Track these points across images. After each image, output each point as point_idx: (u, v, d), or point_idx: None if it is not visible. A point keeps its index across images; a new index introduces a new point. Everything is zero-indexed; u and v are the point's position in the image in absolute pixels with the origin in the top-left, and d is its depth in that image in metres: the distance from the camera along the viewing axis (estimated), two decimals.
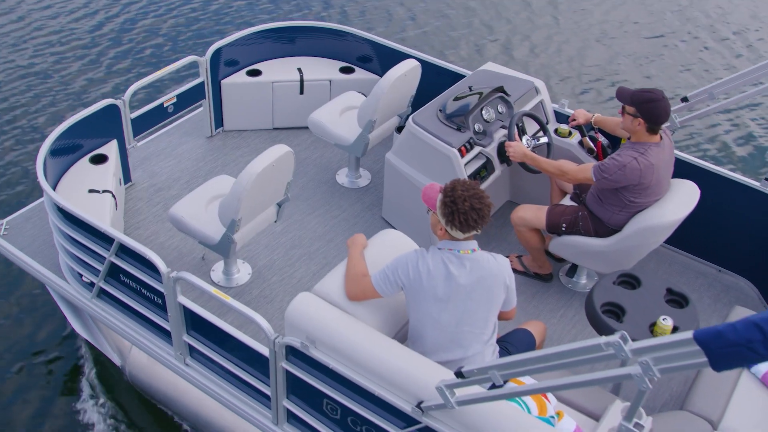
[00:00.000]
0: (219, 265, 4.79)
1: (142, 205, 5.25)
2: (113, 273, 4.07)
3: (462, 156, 4.49)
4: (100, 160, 4.90)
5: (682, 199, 4.22)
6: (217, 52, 5.53)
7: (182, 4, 9.27)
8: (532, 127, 5.01)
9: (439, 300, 3.16)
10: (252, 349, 3.52)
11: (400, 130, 5.45)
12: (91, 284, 4.24)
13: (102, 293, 4.24)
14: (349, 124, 5.28)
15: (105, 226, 3.88)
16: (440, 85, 5.33)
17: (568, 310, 4.68)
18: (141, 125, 5.27)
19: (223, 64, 5.65)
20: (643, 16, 9.82)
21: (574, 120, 4.90)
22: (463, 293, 3.15)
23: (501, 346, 3.50)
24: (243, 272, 4.77)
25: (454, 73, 5.45)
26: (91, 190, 4.65)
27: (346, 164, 5.74)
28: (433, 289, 3.15)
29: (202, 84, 5.56)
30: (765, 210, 4.63)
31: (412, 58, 5.23)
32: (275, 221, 4.65)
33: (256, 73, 5.81)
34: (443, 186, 3.18)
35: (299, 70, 5.89)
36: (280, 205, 4.60)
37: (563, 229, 4.45)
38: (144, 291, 3.95)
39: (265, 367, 3.53)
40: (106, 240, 3.93)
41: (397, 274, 3.19)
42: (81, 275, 4.29)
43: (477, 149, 4.61)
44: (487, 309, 3.23)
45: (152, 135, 5.78)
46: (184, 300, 3.69)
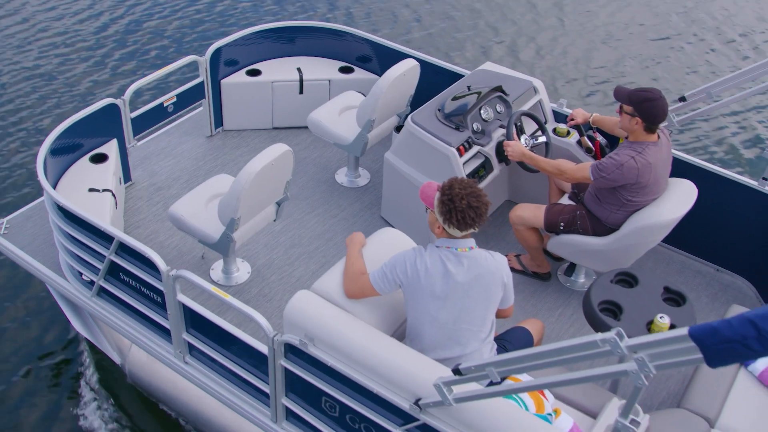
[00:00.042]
0: (218, 264, 4.81)
1: (142, 204, 5.26)
2: (113, 271, 4.08)
3: (460, 155, 4.51)
4: (100, 159, 4.92)
5: (679, 198, 4.23)
6: (217, 51, 5.54)
7: (187, 6, 9.28)
8: (530, 126, 5.02)
9: (437, 298, 3.17)
10: (251, 347, 3.53)
11: (399, 129, 5.46)
12: (91, 283, 4.25)
13: (102, 291, 4.25)
14: (348, 124, 5.29)
15: (105, 224, 3.89)
16: (439, 85, 5.34)
17: (567, 309, 4.70)
18: (141, 124, 5.28)
19: (223, 64, 5.66)
20: (649, 18, 9.77)
21: (573, 119, 4.92)
22: (460, 291, 3.17)
23: (499, 344, 3.51)
24: (242, 271, 4.79)
25: (453, 73, 5.46)
26: (91, 189, 4.66)
27: (346, 163, 5.75)
28: (431, 286, 3.16)
29: (202, 84, 5.57)
30: (763, 209, 4.64)
31: (411, 58, 5.25)
32: (274, 220, 4.66)
33: (255, 73, 5.83)
34: (441, 184, 3.19)
35: (299, 69, 5.90)
36: (279, 204, 4.61)
37: (561, 228, 4.46)
38: (144, 289, 3.96)
39: (264, 365, 3.54)
40: (106, 238, 3.94)
41: (395, 272, 3.20)
42: (81, 274, 4.30)
43: (475, 148, 4.62)
44: (485, 307, 3.24)
45: (152, 134, 5.79)
46: (183, 298, 3.70)
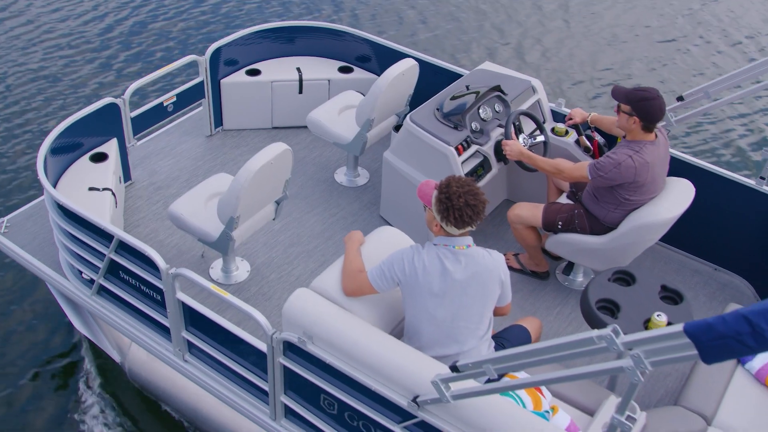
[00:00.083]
0: (218, 263, 4.82)
1: (142, 203, 5.28)
2: (113, 270, 4.09)
3: (459, 154, 4.52)
4: (100, 158, 4.93)
5: (677, 197, 4.25)
6: (217, 51, 5.56)
7: (192, 7, 9.28)
8: (528, 125, 5.03)
9: (435, 295, 3.18)
10: (250, 345, 3.55)
11: (398, 128, 5.48)
12: (91, 281, 4.27)
13: (101, 290, 4.26)
14: (348, 123, 5.30)
15: (105, 223, 3.90)
16: (438, 84, 5.35)
17: (565, 308, 4.71)
18: (141, 124, 5.29)
19: (223, 64, 5.68)
20: (654, 20, 9.72)
21: (571, 119, 4.93)
22: (458, 288, 3.18)
23: (497, 341, 3.52)
24: (242, 269, 4.80)
25: (452, 73, 5.48)
26: (91, 188, 4.68)
27: (345, 163, 5.77)
28: (429, 284, 3.17)
29: (202, 83, 5.59)
30: (760, 208, 4.66)
31: (410, 58, 5.26)
32: (274, 219, 4.68)
33: (255, 73, 5.84)
34: (438, 182, 3.20)
35: (298, 69, 5.92)
36: (278, 202, 4.63)
37: (559, 227, 4.48)
38: (143, 288, 3.97)
39: (263, 363, 3.56)
40: (106, 237, 3.95)
41: (393, 270, 3.21)
42: (81, 272, 4.32)
43: (474, 148, 4.64)
44: (483, 304, 3.25)
45: (152, 134, 5.81)
46: (183, 297, 3.71)
